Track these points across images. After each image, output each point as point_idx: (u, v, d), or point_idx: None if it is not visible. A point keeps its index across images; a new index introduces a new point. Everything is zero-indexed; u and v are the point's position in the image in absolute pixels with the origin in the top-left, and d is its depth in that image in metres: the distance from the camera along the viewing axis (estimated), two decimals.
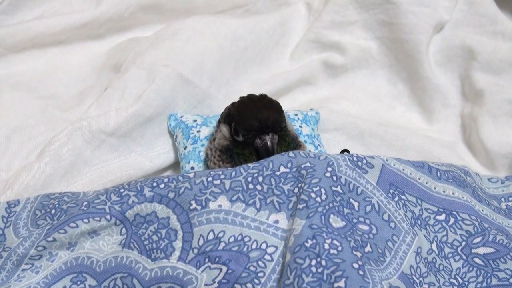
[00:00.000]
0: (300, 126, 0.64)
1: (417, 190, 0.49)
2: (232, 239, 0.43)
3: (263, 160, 0.48)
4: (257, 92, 0.55)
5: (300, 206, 0.43)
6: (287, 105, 0.74)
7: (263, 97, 0.53)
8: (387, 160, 0.50)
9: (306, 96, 0.77)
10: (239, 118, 0.51)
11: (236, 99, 0.54)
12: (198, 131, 0.62)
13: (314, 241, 0.40)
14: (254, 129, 0.50)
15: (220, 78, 0.70)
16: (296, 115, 0.66)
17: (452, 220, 0.48)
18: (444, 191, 0.50)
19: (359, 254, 0.41)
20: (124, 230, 0.46)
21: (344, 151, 0.58)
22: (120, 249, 0.45)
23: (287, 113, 0.62)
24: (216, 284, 0.41)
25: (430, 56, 0.75)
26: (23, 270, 0.44)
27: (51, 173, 0.55)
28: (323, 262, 0.39)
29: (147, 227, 0.45)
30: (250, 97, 0.53)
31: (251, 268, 0.42)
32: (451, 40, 0.75)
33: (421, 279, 0.44)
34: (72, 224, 0.45)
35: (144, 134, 0.63)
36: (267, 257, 0.43)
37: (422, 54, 0.73)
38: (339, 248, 0.40)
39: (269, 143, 0.50)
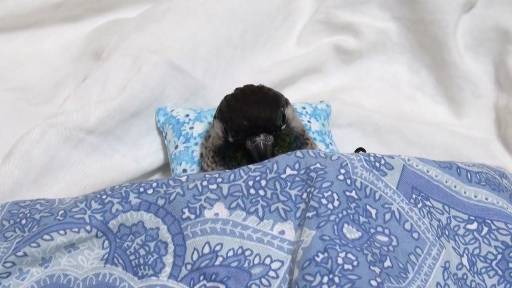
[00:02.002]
0: (309, 121, 0.64)
1: (444, 195, 0.49)
2: (231, 253, 0.43)
3: (266, 161, 0.48)
4: (258, 82, 0.55)
5: (310, 214, 0.43)
6: (294, 96, 0.74)
7: (259, 89, 0.53)
8: (408, 160, 0.49)
9: (315, 86, 0.77)
10: (228, 116, 0.51)
11: (232, 90, 0.54)
12: (191, 128, 0.62)
13: (325, 254, 0.40)
14: (243, 130, 0.50)
15: (216, 66, 0.70)
16: (303, 108, 0.66)
17: (485, 229, 0.48)
18: (475, 196, 0.49)
19: (377, 270, 0.41)
20: (106, 243, 0.45)
21: (359, 150, 0.58)
22: (102, 265, 0.45)
23: (293, 106, 0.62)
24: None
25: (458, 39, 0.75)
26: None
27: (21, 177, 0.55)
28: (336, 279, 0.39)
29: (133, 240, 0.45)
30: (244, 89, 0.53)
31: (253, 286, 0.42)
32: (483, 20, 0.75)
33: None
34: (46, 237, 0.45)
35: (129, 131, 0.63)
36: (272, 273, 0.42)
37: (449, 37, 0.73)
38: (355, 263, 0.40)
39: (261, 144, 0.50)
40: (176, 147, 0.61)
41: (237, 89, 0.54)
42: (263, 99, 0.51)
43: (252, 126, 0.49)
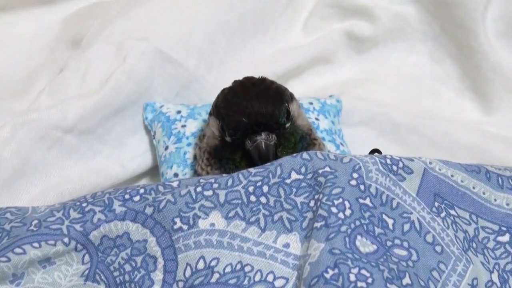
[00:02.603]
0: (317, 119, 0.64)
1: (471, 203, 0.49)
2: (228, 269, 0.43)
3: (268, 164, 0.48)
4: (259, 73, 0.55)
5: (318, 225, 0.43)
6: (299, 90, 0.74)
7: (260, 81, 0.53)
8: (430, 163, 0.49)
9: (324, 79, 0.77)
10: (225, 112, 0.51)
11: (230, 82, 0.54)
12: (183, 126, 0.62)
13: (336, 270, 0.40)
14: (242, 128, 0.50)
15: (212, 56, 0.70)
16: (311, 103, 0.66)
17: None
18: (507, 204, 0.49)
19: None
20: (87, 257, 0.45)
21: (374, 151, 0.58)
22: (82, 282, 0.45)
23: (299, 101, 0.62)
24: None
25: (488, 25, 0.75)
26: None
27: None
28: None
29: (117, 253, 0.45)
30: (244, 82, 0.53)
31: None
32: None
33: None
34: (18, 250, 0.45)
35: (112, 130, 0.63)
36: None
37: (477, 22, 0.73)
38: (369, 280, 0.40)
39: (262, 144, 0.50)
40: (166, 148, 0.61)
41: (235, 81, 0.54)
42: (265, 93, 0.51)
43: (253, 123, 0.49)
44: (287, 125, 0.52)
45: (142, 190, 0.47)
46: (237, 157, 0.52)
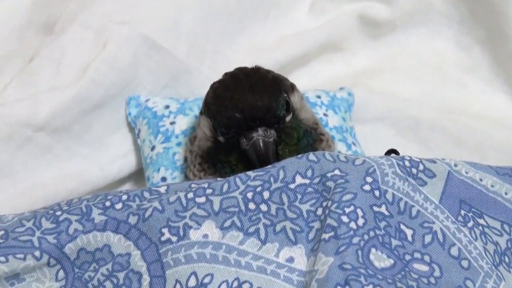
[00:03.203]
0: (325, 115, 0.65)
1: (503, 211, 0.49)
2: (224, 286, 0.43)
3: (269, 166, 0.48)
4: (259, 63, 0.55)
5: (326, 236, 0.43)
6: (305, 82, 0.75)
7: (254, 71, 0.53)
8: (455, 165, 0.50)
9: (334, 69, 0.77)
10: (216, 109, 0.51)
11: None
12: (172, 123, 0.62)
13: None
14: (235, 124, 0.50)
15: (205, 42, 0.71)
16: (318, 97, 0.66)
17: None
18: None
19: None
20: (61, 273, 0.46)
21: (391, 152, 0.58)
22: None
23: (304, 94, 0.63)
24: None
25: None
26: None
27: None
28: None
29: (96, 269, 0.45)
30: (235, 73, 0.54)
31: None
32: None
33: None
34: None
35: (90, 128, 0.63)
36: None
37: (510, 4, 0.73)
38: None
39: (260, 142, 0.50)
40: (153, 148, 0.61)
41: (226, 74, 0.54)
42: (260, 83, 0.51)
43: (247, 118, 0.50)
44: (288, 118, 0.53)
45: (125, 197, 0.47)
46: (232, 159, 0.52)
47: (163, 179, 0.59)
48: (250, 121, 0.50)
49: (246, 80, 0.52)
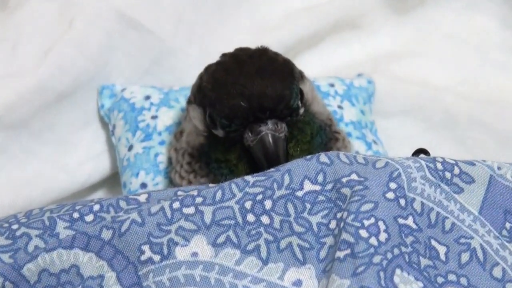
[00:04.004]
0: (340, 107, 0.65)
1: None
2: None
3: (272, 169, 0.48)
4: (257, 44, 0.56)
5: (341, 255, 0.43)
6: (316, 67, 0.75)
7: (260, 53, 0.54)
8: (499, 168, 0.50)
9: (350, 51, 0.78)
10: (215, 96, 0.51)
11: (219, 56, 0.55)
12: (154, 117, 0.63)
13: None
14: (240, 115, 0.50)
15: (193, 20, 0.71)
16: (331, 86, 0.67)
17: None
18: None
19: None
20: None
21: (420, 152, 0.58)
22: None
23: (313, 82, 0.63)
24: None
25: None
26: None
27: None
28: None
29: None
30: (237, 54, 0.54)
31: None
32: None
33: None
34: None
35: (54, 123, 0.64)
36: None
37: None
38: None
39: (269, 137, 0.50)
40: (131, 148, 0.62)
41: (224, 55, 0.55)
42: (269, 67, 0.52)
43: (255, 108, 0.50)
44: (301, 110, 0.53)
45: (97, 207, 0.47)
46: (232, 158, 0.52)
47: (143, 185, 0.60)
48: (258, 111, 0.50)
49: (252, 63, 0.52)
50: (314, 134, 0.54)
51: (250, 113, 0.50)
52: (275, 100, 0.50)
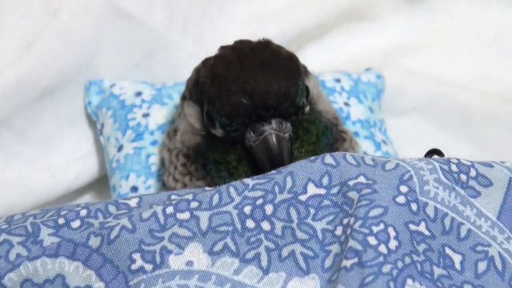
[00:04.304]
0: (346, 104, 0.65)
1: None
2: None
3: (274, 171, 0.48)
4: (256, 35, 0.56)
5: (348, 264, 0.43)
6: (320, 61, 0.75)
7: (263, 46, 0.54)
8: None
9: (358, 44, 0.78)
10: (214, 92, 0.51)
11: (216, 50, 0.55)
12: (145, 115, 0.63)
13: None
14: (242, 113, 0.50)
15: (189, 9, 0.71)
16: (337, 81, 0.67)
17: None
18: None
19: None
20: None
21: (433, 152, 0.58)
22: None
23: (317, 77, 0.63)
24: None
25: None
26: None
27: None
28: None
29: None
30: (238, 47, 0.54)
31: None
32: None
33: None
34: None
35: (37, 122, 0.64)
36: None
37: None
38: None
39: (273, 138, 0.50)
40: (120, 148, 0.62)
41: (223, 48, 0.55)
42: (273, 61, 0.52)
43: (258, 106, 0.50)
44: (306, 108, 0.53)
45: (84, 212, 0.48)
46: (232, 159, 0.52)
47: (134, 188, 0.60)
48: (261, 110, 0.50)
49: (254, 57, 0.52)
50: (320, 135, 0.54)
51: (253, 111, 0.50)
52: (279, 98, 0.50)
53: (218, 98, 0.51)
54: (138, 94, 0.64)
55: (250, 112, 0.50)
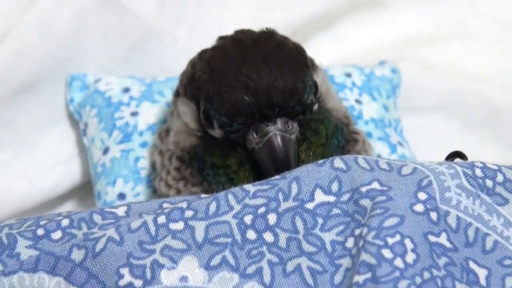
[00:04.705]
0: (358, 101, 0.65)
1: None
2: None
3: (277, 176, 0.48)
4: (258, 25, 0.56)
5: (360, 279, 0.43)
6: (329, 53, 0.75)
7: (267, 36, 0.54)
8: None
9: (371, 34, 0.78)
10: (212, 88, 0.51)
11: (213, 41, 0.55)
12: (134, 114, 0.63)
13: None
14: (244, 112, 0.50)
15: None
16: (348, 76, 0.67)
17: None
18: None
19: None
20: None
21: (455, 155, 0.59)
22: None
23: (326, 71, 0.63)
24: None
25: None
26: None
27: None
28: None
29: None
30: (238, 38, 0.54)
31: None
32: None
33: None
34: None
35: (13, 121, 0.64)
36: None
37: None
38: None
39: (278, 139, 0.50)
40: (106, 151, 0.62)
41: (222, 38, 0.55)
42: (278, 53, 0.52)
43: (262, 104, 0.50)
44: (315, 107, 0.53)
45: (65, 222, 0.48)
46: (232, 163, 0.53)
47: (121, 196, 0.60)
48: (265, 108, 0.50)
49: (256, 49, 0.52)
50: (329, 136, 0.54)
51: (256, 110, 0.50)
52: (286, 94, 0.50)
53: (217, 95, 0.51)
54: (126, 90, 0.64)
55: (252, 111, 0.50)
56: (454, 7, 0.79)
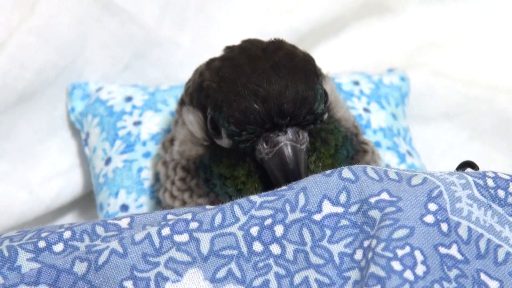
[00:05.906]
0: (366, 110, 0.66)
1: None
2: None
3: (284, 187, 0.48)
4: (266, 33, 0.57)
5: None
6: (336, 60, 0.75)
7: (276, 46, 0.54)
8: None
9: (379, 41, 0.78)
10: (221, 97, 0.52)
11: (219, 49, 0.55)
12: (137, 123, 0.63)
13: None
14: (253, 121, 0.51)
15: (184, 1, 0.71)
16: (356, 83, 0.67)
17: None
18: None
19: None
20: None
21: (466, 165, 0.59)
22: None
23: (333, 79, 0.63)
24: None
25: None
26: None
27: None
28: None
29: None
30: (247, 47, 0.54)
31: None
32: None
33: None
34: None
35: (13, 131, 0.64)
36: None
37: None
38: None
39: (289, 149, 0.50)
40: (108, 161, 0.62)
41: (229, 48, 0.55)
42: (288, 63, 0.52)
43: (272, 113, 0.50)
44: (325, 116, 0.53)
45: (68, 234, 0.48)
46: (241, 174, 0.53)
47: (124, 207, 0.60)
48: (276, 117, 0.50)
49: (266, 58, 0.52)
50: (339, 146, 0.54)
51: (266, 119, 0.50)
52: (296, 103, 0.50)
53: (226, 103, 0.51)
54: (128, 99, 0.64)
55: (263, 119, 0.50)
56: (464, 14, 0.79)
